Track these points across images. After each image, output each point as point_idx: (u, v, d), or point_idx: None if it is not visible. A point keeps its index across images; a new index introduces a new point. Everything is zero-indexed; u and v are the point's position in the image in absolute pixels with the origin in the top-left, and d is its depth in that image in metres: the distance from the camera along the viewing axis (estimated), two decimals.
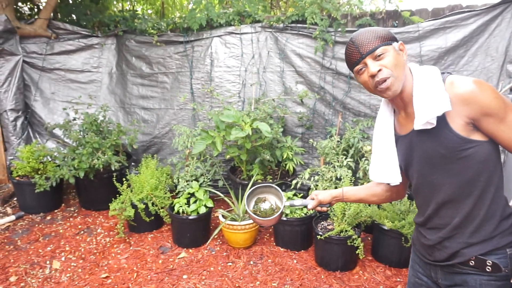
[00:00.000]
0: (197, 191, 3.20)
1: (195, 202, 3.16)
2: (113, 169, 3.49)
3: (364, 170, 3.23)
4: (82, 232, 3.42)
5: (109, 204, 3.20)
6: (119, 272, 2.84)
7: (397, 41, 1.25)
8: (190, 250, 3.08)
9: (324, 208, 1.65)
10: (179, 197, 3.26)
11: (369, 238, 3.20)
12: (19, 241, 3.27)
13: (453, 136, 1.15)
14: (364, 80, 1.24)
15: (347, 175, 3.07)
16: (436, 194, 1.23)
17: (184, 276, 2.77)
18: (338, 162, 3.26)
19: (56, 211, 3.84)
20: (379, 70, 1.19)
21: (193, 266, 2.89)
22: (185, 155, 3.62)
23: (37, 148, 3.64)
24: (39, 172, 3.70)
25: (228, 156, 3.30)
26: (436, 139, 1.18)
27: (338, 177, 3.14)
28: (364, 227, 2.90)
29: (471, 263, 1.19)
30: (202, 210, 3.10)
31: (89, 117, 3.64)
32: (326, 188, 3.12)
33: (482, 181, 1.16)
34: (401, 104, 1.28)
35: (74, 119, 3.78)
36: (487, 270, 1.16)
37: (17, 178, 3.72)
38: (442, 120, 1.16)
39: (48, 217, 3.71)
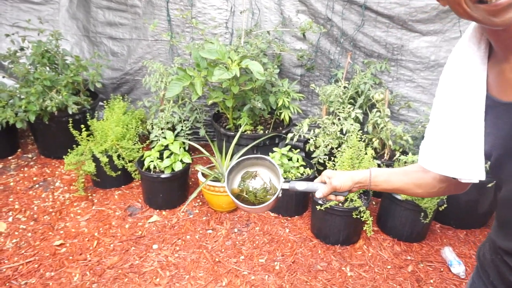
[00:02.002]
0: (171, 143, 2.64)
1: (169, 156, 2.62)
2: (70, 112, 2.88)
3: (374, 124, 2.69)
4: (37, 185, 2.89)
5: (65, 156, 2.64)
6: (77, 238, 2.37)
7: None
8: (164, 213, 2.61)
9: (341, 198, 1.13)
10: (151, 148, 2.71)
11: (374, 203, 2.76)
12: None
13: None
14: None
15: (354, 130, 2.53)
16: None
17: (154, 246, 2.31)
18: (344, 112, 2.69)
19: (10, 158, 3.28)
20: None
21: (166, 233, 2.43)
22: (159, 98, 3.01)
23: None
24: None
25: (210, 102, 2.70)
26: None
27: (344, 132, 2.60)
28: (372, 193, 2.42)
29: None
30: (178, 166, 2.57)
31: (39, 47, 2.93)
32: (328, 145, 2.59)
33: None
34: None
35: (22, 49, 3.07)
36: None
37: None
38: None
39: (0, 165, 3.15)
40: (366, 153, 2.35)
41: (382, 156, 2.79)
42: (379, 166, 2.55)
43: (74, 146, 2.69)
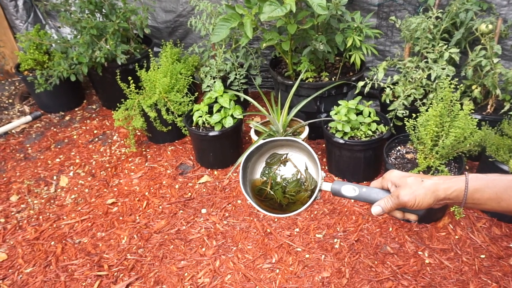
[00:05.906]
0: (221, 95, 2.34)
1: (219, 110, 2.33)
2: (119, 62, 2.71)
3: (476, 66, 2.05)
4: (96, 139, 2.88)
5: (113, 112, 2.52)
6: (128, 197, 2.30)
7: None
8: (215, 172, 2.40)
9: (412, 216, 0.75)
10: (201, 101, 2.45)
11: (467, 167, 2.21)
12: (30, 148, 2.85)
13: None
14: None
15: (447, 76, 1.94)
16: None
17: (203, 211, 2.14)
18: (434, 52, 2.08)
19: (76, 109, 3.32)
20: None
21: (216, 195, 2.23)
22: (210, 42, 2.67)
23: (32, 35, 2.93)
24: (45, 66, 3.07)
25: (264, 45, 2.28)
26: None
27: (432, 78, 2.02)
28: (466, 160, 1.89)
29: None
30: (228, 122, 2.28)
31: None
32: (410, 95, 2.05)
33: None
34: None
35: None
36: None
37: (25, 72, 3.15)
38: None
39: (67, 117, 3.21)
40: (461, 108, 1.79)
41: (483, 108, 2.17)
42: (479, 122, 1.96)
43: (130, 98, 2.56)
